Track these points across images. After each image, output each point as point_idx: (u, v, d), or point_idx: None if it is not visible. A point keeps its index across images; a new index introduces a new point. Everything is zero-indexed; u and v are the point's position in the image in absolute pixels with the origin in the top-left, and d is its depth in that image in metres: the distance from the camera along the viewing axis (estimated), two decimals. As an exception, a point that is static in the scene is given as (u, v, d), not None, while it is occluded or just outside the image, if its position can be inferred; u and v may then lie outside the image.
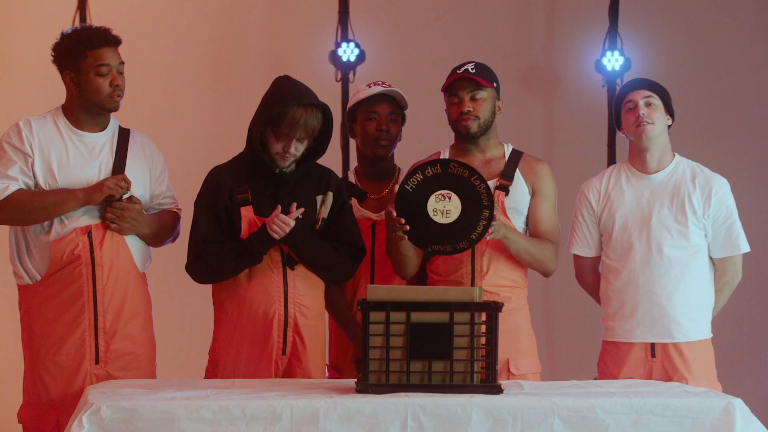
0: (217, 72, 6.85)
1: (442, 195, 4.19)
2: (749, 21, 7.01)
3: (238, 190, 4.22)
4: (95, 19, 6.36)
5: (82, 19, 6.44)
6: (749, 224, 4.58)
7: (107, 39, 4.21)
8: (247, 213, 4.22)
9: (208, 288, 4.34)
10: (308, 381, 4.02)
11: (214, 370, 4.28)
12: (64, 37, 4.23)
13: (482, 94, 4.39)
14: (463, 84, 4.38)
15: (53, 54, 4.24)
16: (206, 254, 4.20)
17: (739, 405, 3.57)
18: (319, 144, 4.27)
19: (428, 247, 4.24)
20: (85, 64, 4.18)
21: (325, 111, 4.22)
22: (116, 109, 4.24)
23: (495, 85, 4.42)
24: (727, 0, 7.02)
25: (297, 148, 4.19)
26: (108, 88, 4.19)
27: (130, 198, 4.20)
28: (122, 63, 4.23)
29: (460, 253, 4.27)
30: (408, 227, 4.18)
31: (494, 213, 4.18)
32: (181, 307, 6.47)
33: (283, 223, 4.12)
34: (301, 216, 4.16)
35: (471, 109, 4.38)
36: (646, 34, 6.84)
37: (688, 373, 4.43)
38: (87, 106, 4.22)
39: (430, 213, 4.20)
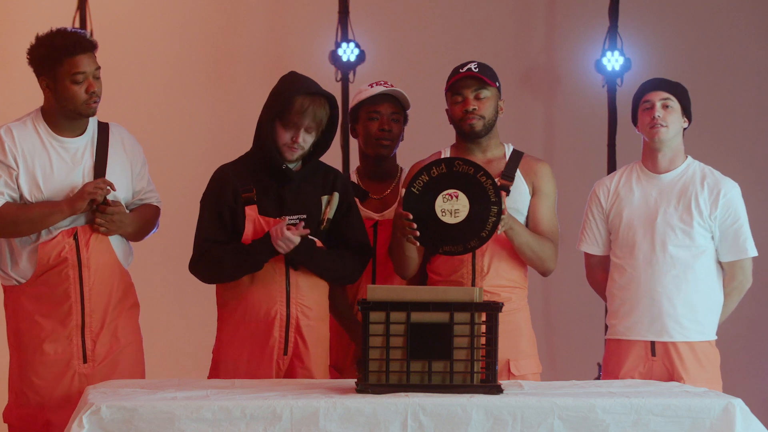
0: (217, 72, 6.85)
1: (449, 195, 4.18)
2: (749, 21, 7.01)
3: (243, 189, 4.22)
4: (95, 19, 6.36)
5: (82, 18, 6.43)
6: (752, 226, 4.58)
7: (82, 45, 4.16)
8: (251, 212, 4.21)
9: (209, 288, 4.34)
10: (308, 381, 4.02)
11: (216, 370, 4.28)
12: (39, 42, 4.18)
13: (486, 93, 4.39)
14: (467, 82, 4.38)
15: (28, 57, 4.20)
16: (209, 255, 4.20)
17: (739, 405, 3.57)
18: (324, 139, 4.27)
19: (440, 248, 4.23)
20: (60, 72, 4.14)
21: (331, 103, 4.21)
22: (93, 114, 4.22)
23: (497, 84, 4.42)
24: (727, 0, 7.02)
25: (305, 140, 4.19)
26: (84, 95, 4.15)
27: (113, 202, 4.19)
28: (98, 68, 4.19)
29: (471, 252, 4.27)
30: (418, 233, 4.18)
31: (502, 208, 4.17)
32: (182, 307, 6.47)
33: (289, 241, 4.12)
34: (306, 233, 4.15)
35: (476, 108, 4.37)
36: (646, 34, 6.84)
37: (686, 374, 4.42)
38: (66, 113, 4.19)
39: (439, 214, 4.18)
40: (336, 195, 4.28)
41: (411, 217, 4.17)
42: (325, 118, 4.20)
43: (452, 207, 4.18)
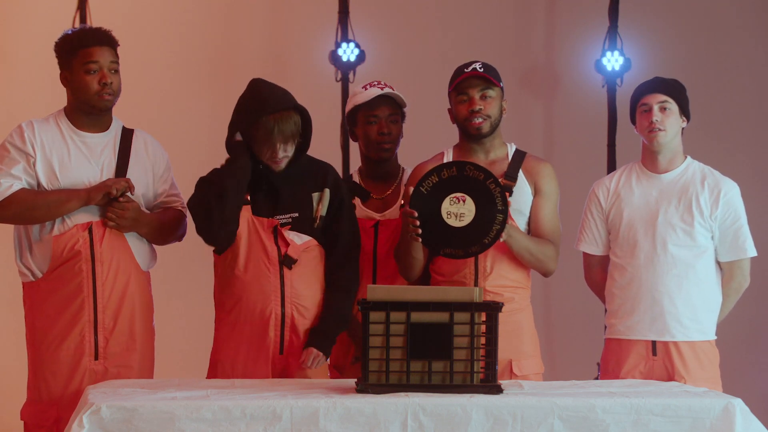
0: (217, 72, 6.85)
1: (457, 198, 4.19)
2: (749, 21, 7.02)
3: None
4: (95, 20, 6.36)
5: (82, 19, 6.44)
6: (752, 227, 4.58)
7: (98, 38, 4.23)
8: (245, 212, 4.21)
9: (210, 288, 4.34)
10: (308, 381, 4.02)
11: (214, 370, 4.28)
12: (62, 38, 4.28)
13: (492, 93, 4.39)
14: (473, 82, 4.38)
15: (55, 55, 4.29)
16: (203, 186, 4.17)
17: (739, 405, 3.57)
18: (303, 141, 4.25)
19: (440, 250, 4.23)
20: (75, 63, 4.21)
21: (299, 111, 4.18)
22: (107, 107, 4.25)
23: (501, 84, 4.42)
24: (727, 0, 7.02)
25: (285, 150, 4.18)
26: (96, 86, 4.20)
27: (127, 198, 4.21)
28: (114, 62, 4.24)
29: (472, 257, 4.27)
30: (420, 230, 4.18)
31: (507, 219, 4.17)
32: (181, 307, 6.47)
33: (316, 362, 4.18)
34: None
35: (482, 107, 4.37)
36: (646, 34, 6.84)
37: (687, 374, 4.43)
38: (81, 106, 4.25)
39: (444, 216, 4.19)
40: (327, 191, 4.28)
41: (416, 215, 4.17)
42: (295, 128, 4.16)
43: (458, 210, 4.18)
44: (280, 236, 4.21)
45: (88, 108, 4.24)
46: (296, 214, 4.21)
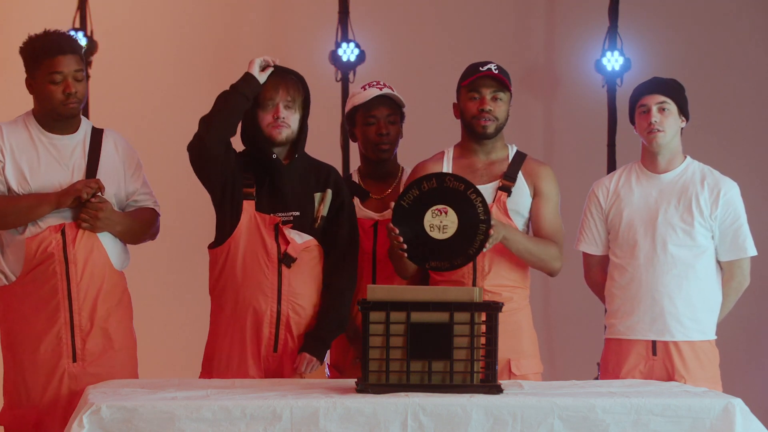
0: (217, 72, 6.83)
1: (439, 210, 4.18)
2: (749, 21, 7.02)
3: (245, 183, 4.23)
4: (95, 20, 6.36)
5: (82, 18, 6.44)
6: (752, 226, 4.58)
7: (61, 47, 4.17)
8: (248, 207, 4.22)
9: (206, 288, 4.34)
10: (308, 381, 4.02)
11: (208, 365, 4.28)
12: (26, 43, 4.23)
13: (502, 96, 4.40)
14: (486, 82, 4.38)
15: (22, 58, 4.25)
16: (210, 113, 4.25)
17: (739, 405, 3.57)
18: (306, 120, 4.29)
19: (426, 263, 4.23)
20: (39, 73, 4.17)
21: (302, 81, 4.26)
22: (73, 115, 4.21)
23: (511, 90, 4.44)
24: (727, 0, 7.02)
25: (287, 116, 4.20)
26: (60, 95, 4.16)
27: (99, 198, 4.18)
28: (79, 70, 4.19)
29: (459, 268, 4.27)
30: (405, 246, 4.17)
31: (489, 228, 4.16)
32: (180, 307, 6.46)
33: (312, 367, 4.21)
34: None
35: (492, 109, 4.38)
36: (646, 34, 6.84)
37: (687, 374, 4.43)
38: (46, 112, 4.21)
39: (427, 229, 4.18)
40: (329, 192, 4.28)
41: (398, 231, 4.17)
42: (299, 93, 4.23)
43: (441, 222, 4.18)
44: (280, 234, 4.22)
45: (54, 115, 4.20)
46: (298, 213, 4.23)
